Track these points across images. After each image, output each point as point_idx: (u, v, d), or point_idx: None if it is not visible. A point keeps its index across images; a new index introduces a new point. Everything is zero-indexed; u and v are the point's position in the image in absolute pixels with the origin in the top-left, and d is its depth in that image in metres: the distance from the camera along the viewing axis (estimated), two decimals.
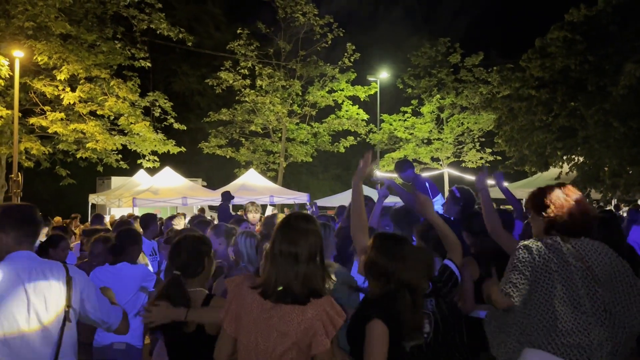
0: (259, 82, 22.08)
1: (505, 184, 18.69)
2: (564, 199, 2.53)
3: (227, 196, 8.52)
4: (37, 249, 4.59)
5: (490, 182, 4.38)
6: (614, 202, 14.34)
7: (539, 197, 2.61)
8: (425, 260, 2.43)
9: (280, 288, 2.09)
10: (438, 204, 5.20)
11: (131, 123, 14.89)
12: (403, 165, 5.75)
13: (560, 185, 2.62)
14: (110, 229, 6.66)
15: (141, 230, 5.89)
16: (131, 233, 4.17)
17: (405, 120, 25.98)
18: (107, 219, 11.12)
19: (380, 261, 2.36)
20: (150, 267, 4.96)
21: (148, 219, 6.14)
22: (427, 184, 5.54)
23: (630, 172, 12.08)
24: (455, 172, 25.48)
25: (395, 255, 2.36)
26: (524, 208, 5.03)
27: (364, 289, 2.53)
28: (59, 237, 4.71)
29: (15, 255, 2.31)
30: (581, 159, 13.22)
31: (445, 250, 2.83)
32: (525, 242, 2.47)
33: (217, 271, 3.36)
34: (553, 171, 14.47)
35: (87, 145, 14.55)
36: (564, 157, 13.40)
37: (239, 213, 9.40)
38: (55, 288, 2.30)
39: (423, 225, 3.54)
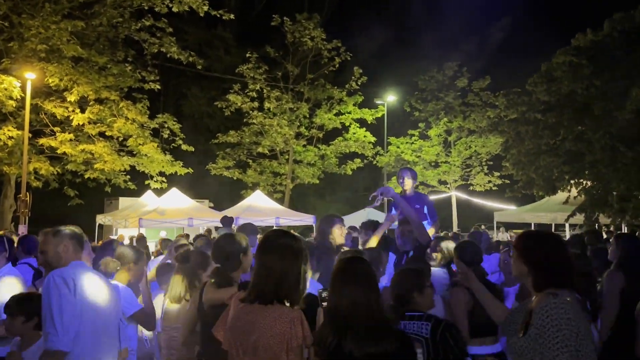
0: (267, 105, 22.28)
1: (514, 207, 18.45)
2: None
3: (227, 221, 8.42)
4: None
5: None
6: (624, 227, 14.17)
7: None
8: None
9: (253, 291, 2.32)
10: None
11: (140, 144, 15.07)
12: (413, 170, 5.71)
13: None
14: None
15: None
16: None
17: (412, 143, 26.04)
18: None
19: None
20: None
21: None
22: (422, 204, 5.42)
23: (639, 196, 11.95)
24: (463, 195, 25.38)
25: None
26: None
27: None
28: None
29: (79, 263, 2.81)
30: (589, 183, 13.11)
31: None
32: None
33: None
34: (561, 195, 14.35)
35: (96, 165, 14.71)
36: (572, 181, 13.28)
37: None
38: (112, 290, 2.92)
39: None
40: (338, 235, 4.33)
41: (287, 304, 2.28)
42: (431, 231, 4.99)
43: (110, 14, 14.12)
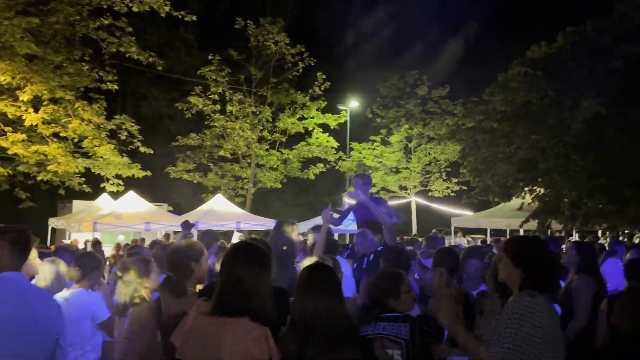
0: (229, 108, 22.08)
1: (471, 213, 18.88)
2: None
3: (186, 225, 8.28)
4: None
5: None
6: (575, 232, 14.71)
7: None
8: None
9: (217, 302, 2.20)
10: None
11: (95, 146, 14.60)
12: (368, 177, 5.54)
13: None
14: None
15: None
16: (93, 257, 4.19)
17: (374, 149, 26.35)
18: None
19: None
20: None
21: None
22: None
23: (589, 204, 12.46)
24: (422, 201, 25.82)
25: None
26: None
27: None
28: None
29: (8, 275, 2.31)
30: (542, 190, 13.57)
31: None
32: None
33: None
34: (516, 201, 14.81)
35: (49, 167, 14.15)
36: (526, 189, 13.75)
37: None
38: (48, 314, 2.35)
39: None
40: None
41: (254, 320, 2.14)
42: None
43: (67, 11, 13.63)
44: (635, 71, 11.86)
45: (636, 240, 13.45)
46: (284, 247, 3.85)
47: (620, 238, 13.33)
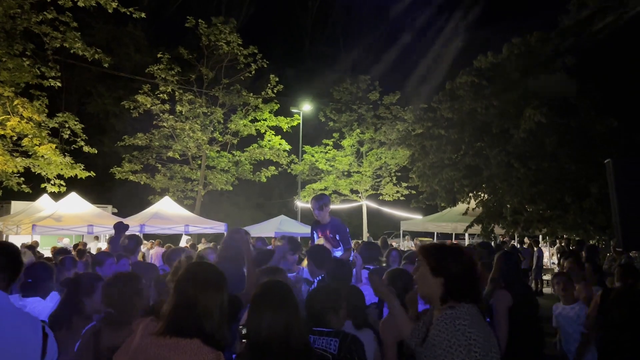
0: (178, 108, 21.65)
1: (419, 216, 19.23)
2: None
3: (119, 227, 7.96)
4: None
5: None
6: (516, 237, 15.27)
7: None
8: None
9: (169, 323, 2.09)
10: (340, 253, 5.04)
11: (36, 145, 13.99)
12: (323, 199, 5.43)
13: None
14: None
15: None
16: (46, 267, 3.96)
17: (326, 152, 26.49)
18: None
19: None
20: None
21: None
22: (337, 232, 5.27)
23: (530, 210, 12.95)
24: (373, 205, 26.15)
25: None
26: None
27: None
28: None
29: None
30: (486, 196, 14.01)
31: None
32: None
33: None
34: (461, 206, 15.22)
35: None
36: (470, 194, 14.14)
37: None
38: (27, 344, 2.06)
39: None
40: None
41: (207, 343, 2.05)
42: (344, 257, 5.00)
43: (7, 3, 13.01)
44: (575, 81, 12.46)
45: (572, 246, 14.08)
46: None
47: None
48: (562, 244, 16.65)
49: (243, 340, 2.34)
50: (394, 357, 3.31)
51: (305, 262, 4.75)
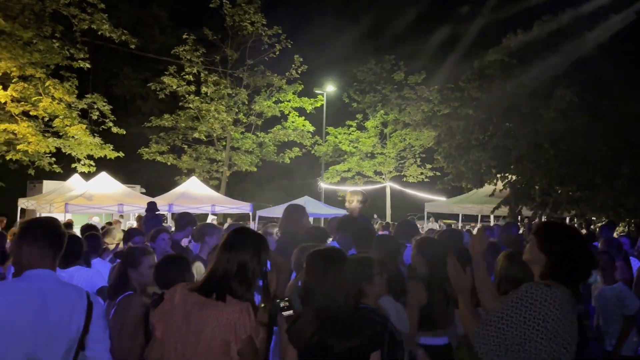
0: (204, 89, 21.76)
1: (443, 198, 19.11)
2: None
3: (151, 207, 8.15)
4: None
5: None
6: (544, 219, 15.07)
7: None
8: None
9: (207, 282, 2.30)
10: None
11: (66, 125, 14.30)
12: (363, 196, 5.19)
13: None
14: None
15: None
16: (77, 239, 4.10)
17: (350, 133, 26.41)
18: None
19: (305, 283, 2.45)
20: None
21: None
22: None
23: (559, 191, 12.76)
24: (397, 186, 26.07)
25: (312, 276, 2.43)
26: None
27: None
28: None
29: (35, 273, 2.15)
30: (514, 177, 13.83)
31: None
32: None
33: None
34: (488, 188, 15.06)
35: (18, 147, 13.82)
36: (498, 175, 13.97)
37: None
38: (71, 314, 2.16)
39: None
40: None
41: (235, 296, 2.24)
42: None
43: None
44: (608, 61, 12.14)
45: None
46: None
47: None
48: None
49: (283, 313, 2.42)
50: (416, 320, 3.40)
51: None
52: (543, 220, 13.63)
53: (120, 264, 3.34)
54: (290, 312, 2.42)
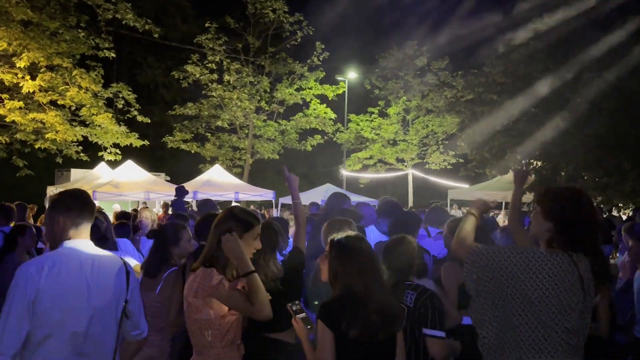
0: (226, 77, 21.87)
1: (466, 185, 18.91)
2: None
3: (180, 191, 8.30)
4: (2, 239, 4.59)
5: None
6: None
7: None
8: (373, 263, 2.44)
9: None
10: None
11: (93, 114, 14.54)
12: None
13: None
14: None
15: None
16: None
17: (372, 120, 26.26)
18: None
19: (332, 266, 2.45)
20: None
21: None
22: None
23: (586, 177, 12.55)
24: (419, 173, 25.92)
25: (341, 260, 2.42)
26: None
27: None
28: (24, 226, 4.77)
29: (75, 243, 2.25)
30: (539, 163, 13.64)
31: None
32: None
33: None
34: (512, 174, 14.88)
35: (47, 135, 14.11)
36: (523, 162, 13.80)
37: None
38: (116, 281, 2.28)
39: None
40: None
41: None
42: None
43: None
44: (637, 43, 11.80)
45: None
46: None
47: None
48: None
49: (297, 316, 2.43)
50: (455, 300, 3.40)
51: None
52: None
53: (158, 241, 3.43)
54: (304, 314, 2.44)
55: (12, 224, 5.62)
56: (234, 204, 16.67)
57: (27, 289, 2.08)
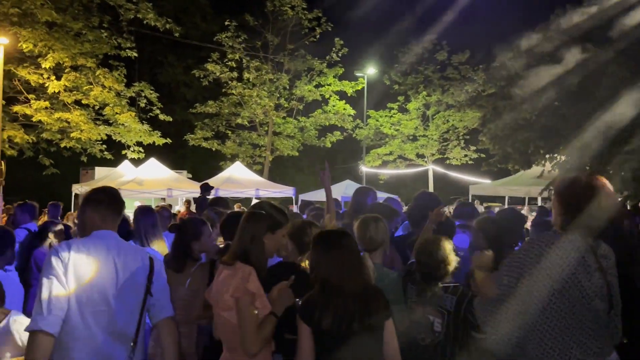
0: (246, 75, 22.00)
1: (488, 181, 18.66)
2: None
3: (206, 188, 8.42)
4: (34, 234, 4.70)
5: None
6: None
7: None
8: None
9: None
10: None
11: (116, 113, 14.81)
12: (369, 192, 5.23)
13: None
14: None
15: None
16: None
17: (391, 116, 26.11)
18: None
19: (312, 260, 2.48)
20: None
21: None
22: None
23: (611, 172, 12.29)
24: (440, 169, 25.72)
25: (318, 254, 2.45)
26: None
27: None
28: (51, 222, 4.89)
29: (102, 233, 2.41)
30: (563, 157, 13.41)
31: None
32: None
33: None
34: (535, 169, 14.68)
35: (72, 134, 14.43)
36: (547, 156, 13.58)
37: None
38: (140, 264, 2.43)
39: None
40: None
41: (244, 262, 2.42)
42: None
43: None
44: None
45: None
46: None
47: None
48: None
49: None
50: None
51: None
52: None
53: (179, 236, 3.49)
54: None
55: (35, 222, 5.72)
56: (254, 200, 16.80)
57: (60, 262, 2.24)
